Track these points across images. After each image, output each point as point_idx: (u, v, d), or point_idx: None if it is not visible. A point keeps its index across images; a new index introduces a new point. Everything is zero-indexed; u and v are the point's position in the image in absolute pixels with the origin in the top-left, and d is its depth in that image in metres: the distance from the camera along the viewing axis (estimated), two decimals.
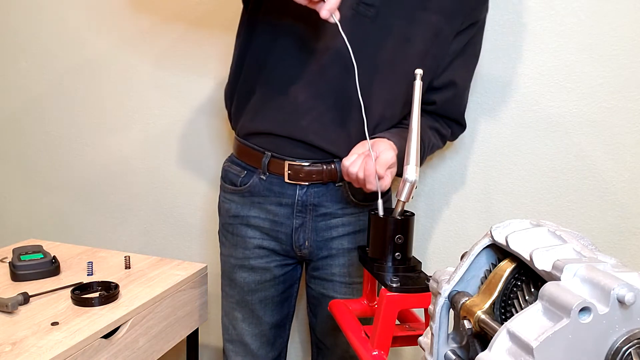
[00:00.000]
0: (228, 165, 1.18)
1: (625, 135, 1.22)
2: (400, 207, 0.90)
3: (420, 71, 0.90)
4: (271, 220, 1.12)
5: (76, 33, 1.65)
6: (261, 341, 1.21)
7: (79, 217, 1.77)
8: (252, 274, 1.16)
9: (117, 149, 1.68)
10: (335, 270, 1.14)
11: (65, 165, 1.76)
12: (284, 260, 1.16)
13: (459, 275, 0.54)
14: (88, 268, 1.25)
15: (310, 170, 1.07)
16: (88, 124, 1.70)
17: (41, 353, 0.90)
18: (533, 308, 0.43)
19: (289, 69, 1.05)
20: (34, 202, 1.83)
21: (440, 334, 0.55)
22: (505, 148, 1.30)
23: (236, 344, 1.22)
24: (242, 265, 1.16)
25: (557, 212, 1.29)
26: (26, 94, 1.76)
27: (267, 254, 1.15)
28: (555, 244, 0.48)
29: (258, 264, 1.15)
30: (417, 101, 0.90)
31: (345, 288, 1.15)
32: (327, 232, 1.12)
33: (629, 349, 0.41)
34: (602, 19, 1.19)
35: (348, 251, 1.13)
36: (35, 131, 1.77)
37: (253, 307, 1.18)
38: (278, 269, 1.16)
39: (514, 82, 1.27)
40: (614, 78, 1.20)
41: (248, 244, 1.14)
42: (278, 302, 1.20)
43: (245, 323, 1.19)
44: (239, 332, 1.20)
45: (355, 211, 1.12)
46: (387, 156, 0.93)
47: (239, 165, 1.15)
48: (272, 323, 1.21)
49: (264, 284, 1.16)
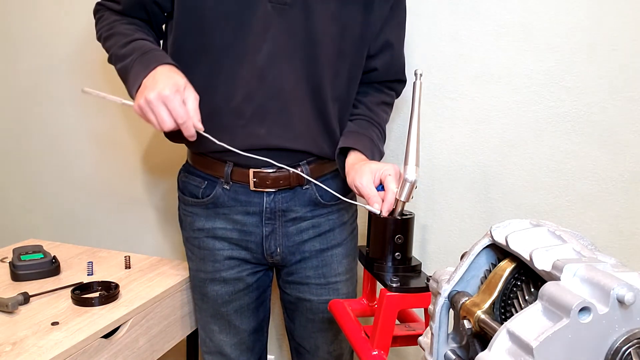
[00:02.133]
0: (185, 176, 1.12)
1: (625, 135, 1.22)
2: (400, 207, 0.90)
3: (421, 71, 0.90)
4: (239, 230, 1.08)
5: (77, 33, 1.65)
6: (240, 349, 1.18)
7: (79, 217, 1.77)
8: (224, 286, 1.12)
9: (117, 148, 1.68)
10: (309, 272, 1.13)
11: (65, 165, 1.76)
12: (255, 268, 1.13)
13: (459, 275, 0.54)
14: (88, 268, 1.25)
15: (277, 177, 1.04)
16: (88, 123, 1.70)
17: (41, 353, 0.90)
18: (533, 308, 0.43)
19: (228, 86, 0.99)
20: (34, 202, 1.83)
21: (440, 333, 0.55)
22: (505, 148, 1.30)
23: (215, 355, 1.19)
24: (213, 279, 1.12)
25: (557, 212, 1.29)
26: (26, 94, 1.76)
27: (238, 264, 1.11)
28: (555, 243, 0.48)
29: (230, 275, 1.11)
30: (417, 101, 0.90)
31: (322, 289, 1.13)
32: (298, 236, 1.10)
33: (628, 349, 0.41)
34: (602, 19, 1.19)
35: (320, 252, 1.12)
36: (35, 131, 1.77)
37: (229, 317, 1.15)
38: (250, 277, 1.13)
39: (514, 82, 1.27)
40: (614, 78, 1.20)
41: (217, 256, 1.10)
42: (254, 309, 1.17)
43: (222, 334, 1.16)
44: (216, 344, 1.18)
45: (324, 212, 1.11)
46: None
47: (198, 175, 1.09)
48: (250, 330, 1.18)
49: (237, 293, 1.13)
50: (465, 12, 1.27)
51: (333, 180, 1.12)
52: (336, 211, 1.13)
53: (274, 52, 0.98)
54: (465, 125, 1.31)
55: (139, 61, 0.93)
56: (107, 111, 1.67)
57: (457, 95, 1.31)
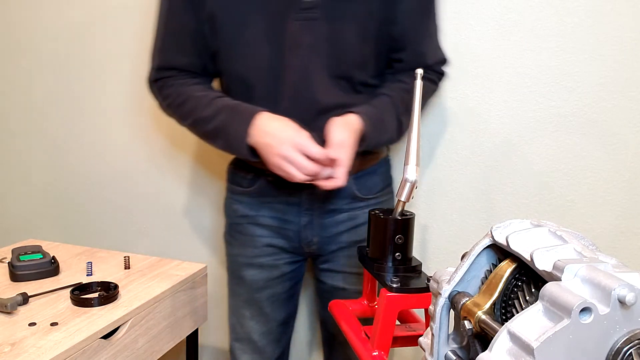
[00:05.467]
0: (233, 168, 1.19)
1: (626, 135, 1.22)
2: (400, 207, 0.90)
3: (421, 71, 0.90)
4: (280, 218, 1.14)
5: (77, 33, 1.65)
6: (268, 339, 1.22)
7: (79, 217, 1.76)
8: (261, 272, 1.18)
9: (117, 148, 1.67)
10: (345, 261, 1.17)
11: (65, 165, 1.75)
12: (292, 258, 1.19)
13: (460, 275, 0.54)
14: (87, 268, 1.25)
15: None
16: (88, 123, 1.70)
17: (40, 354, 0.90)
18: (534, 308, 0.43)
19: (270, 92, 1.06)
20: (33, 202, 1.82)
21: (440, 334, 0.55)
22: (505, 148, 1.30)
23: (244, 342, 1.23)
24: (251, 264, 1.18)
25: (557, 212, 1.28)
26: (26, 94, 1.76)
27: (275, 252, 1.17)
28: (556, 244, 0.48)
29: (267, 262, 1.17)
30: (417, 101, 0.89)
31: (356, 278, 1.17)
32: (335, 228, 1.14)
33: (629, 350, 0.41)
34: (603, 19, 1.19)
35: (356, 243, 1.15)
36: (35, 131, 1.77)
37: (261, 304, 1.20)
38: (286, 266, 1.18)
39: (514, 81, 1.27)
40: (614, 78, 1.20)
41: (257, 243, 1.16)
42: (285, 299, 1.22)
43: (253, 321, 1.21)
44: (246, 330, 1.22)
45: (361, 205, 1.15)
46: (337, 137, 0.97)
47: (245, 167, 1.15)
48: (279, 320, 1.23)
49: (272, 280, 1.18)
50: (466, 11, 1.27)
51: (372, 175, 1.16)
52: (373, 205, 1.15)
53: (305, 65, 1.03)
54: (465, 125, 1.31)
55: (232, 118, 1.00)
56: (107, 111, 1.67)
57: (458, 95, 1.31)
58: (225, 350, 1.64)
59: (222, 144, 1.04)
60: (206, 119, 1.04)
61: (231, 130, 1.01)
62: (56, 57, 1.69)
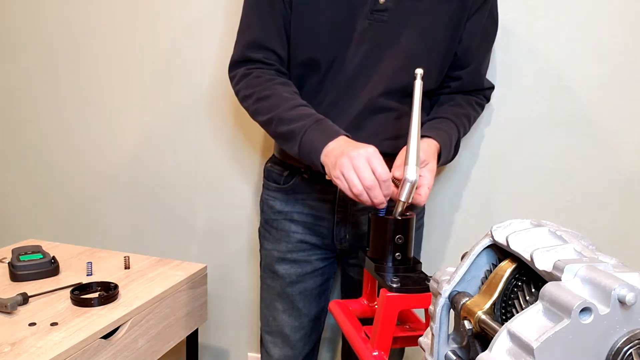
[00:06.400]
0: (271, 166, 1.22)
1: (626, 135, 1.22)
2: (400, 207, 0.90)
3: (421, 71, 0.90)
4: (314, 215, 1.17)
5: (77, 34, 1.65)
6: (300, 334, 1.24)
7: (79, 217, 1.76)
8: (294, 266, 1.20)
9: (117, 149, 1.67)
10: None
11: (64, 165, 1.75)
12: (324, 254, 1.21)
13: (460, 275, 0.54)
14: (87, 268, 1.25)
15: None
16: (88, 124, 1.70)
17: (40, 354, 0.90)
18: (534, 308, 0.43)
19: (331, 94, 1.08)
20: (33, 202, 1.82)
21: (440, 334, 0.55)
22: (505, 148, 1.30)
23: (275, 335, 1.25)
24: (285, 258, 1.20)
25: (557, 212, 1.28)
26: (26, 95, 1.76)
27: (308, 248, 1.19)
28: (556, 244, 0.48)
29: (300, 257, 1.20)
30: (417, 101, 0.90)
31: None
32: (366, 225, 1.14)
33: (629, 350, 0.41)
34: (603, 19, 1.19)
35: None
36: (34, 131, 1.77)
37: (293, 298, 1.22)
38: (318, 262, 1.21)
39: (515, 81, 1.27)
40: (614, 78, 1.20)
41: (291, 238, 1.19)
42: (316, 295, 1.24)
43: (285, 314, 1.23)
44: (279, 324, 1.24)
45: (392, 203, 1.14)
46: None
47: (282, 165, 1.18)
48: (311, 316, 1.25)
49: (304, 275, 1.21)
50: None
51: None
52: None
53: (364, 63, 1.05)
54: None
55: (315, 128, 0.99)
56: (108, 111, 1.67)
57: None
58: (226, 350, 1.64)
59: (294, 147, 1.03)
60: (287, 120, 1.03)
61: (306, 139, 1.00)
62: (56, 57, 1.69)
